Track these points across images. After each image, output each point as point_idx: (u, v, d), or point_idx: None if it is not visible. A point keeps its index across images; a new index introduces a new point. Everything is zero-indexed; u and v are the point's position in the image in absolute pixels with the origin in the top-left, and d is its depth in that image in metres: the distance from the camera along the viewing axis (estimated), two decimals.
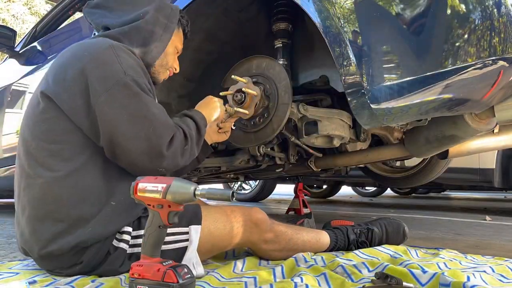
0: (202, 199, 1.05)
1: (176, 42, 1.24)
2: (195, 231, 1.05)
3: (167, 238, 1.01)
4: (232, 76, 1.33)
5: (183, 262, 1.01)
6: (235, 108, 1.30)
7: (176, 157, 1.01)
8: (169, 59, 1.23)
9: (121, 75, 0.96)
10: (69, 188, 0.97)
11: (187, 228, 1.04)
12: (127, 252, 1.01)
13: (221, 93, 1.35)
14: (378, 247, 1.34)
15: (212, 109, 1.22)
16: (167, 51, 1.20)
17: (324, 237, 1.32)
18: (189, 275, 0.82)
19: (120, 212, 1.00)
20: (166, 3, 1.21)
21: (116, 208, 0.99)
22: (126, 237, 1.01)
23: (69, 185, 0.97)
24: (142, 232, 1.01)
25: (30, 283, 0.96)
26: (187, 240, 1.04)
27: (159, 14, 1.15)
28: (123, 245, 1.01)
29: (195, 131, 1.09)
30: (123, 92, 0.95)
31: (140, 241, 1.01)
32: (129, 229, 1.02)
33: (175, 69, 1.28)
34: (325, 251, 1.32)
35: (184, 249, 1.03)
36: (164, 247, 1.00)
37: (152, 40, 1.14)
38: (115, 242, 1.01)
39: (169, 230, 1.02)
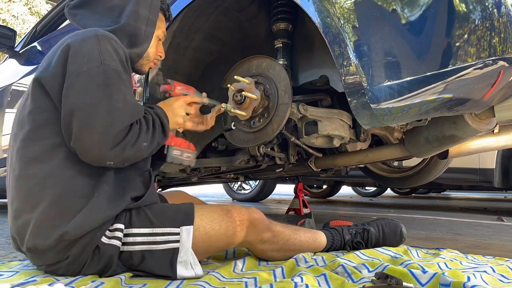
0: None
1: (158, 31, 1.24)
2: (186, 232, 1.03)
3: (157, 238, 1.01)
4: (235, 77, 1.33)
5: (177, 264, 1.01)
6: (233, 110, 1.31)
7: (125, 150, 0.99)
8: (151, 51, 1.23)
9: (96, 62, 0.97)
10: (50, 187, 0.98)
11: (179, 229, 1.03)
12: (120, 249, 1.01)
13: (228, 85, 1.35)
14: (379, 249, 1.33)
15: (175, 106, 1.19)
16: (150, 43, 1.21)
17: (321, 237, 1.32)
18: None
19: (105, 203, 0.99)
20: None
21: (100, 199, 0.99)
22: (118, 234, 1.01)
23: (50, 185, 0.98)
24: (133, 230, 1.02)
25: (30, 282, 0.96)
26: (177, 241, 1.03)
27: (139, 8, 1.16)
28: (115, 242, 1.00)
29: (152, 124, 1.07)
30: (93, 79, 0.96)
31: (130, 239, 1.01)
32: (121, 226, 1.02)
33: (160, 57, 1.29)
34: (321, 251, 1.32)
35: (175, 250, 1.02)
36: (153, 247, 1.01)
37: (137, 38, 1.16)
38: (105, 239, 1.00)
39: (160, 230, 1.02)
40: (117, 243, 1.00)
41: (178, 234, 1.03)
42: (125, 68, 1.05)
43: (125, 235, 1.02)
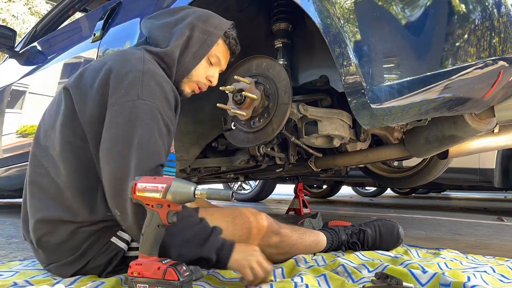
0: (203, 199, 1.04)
1: (211, 54, 1.18)
2: None
3: None
4: (235, 77, 1.33)
5: None
6: (233, 110, 1.31)
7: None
8: (195, 71, 1.17)
9: (132, 97, 0.93)
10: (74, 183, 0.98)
11: None
12: (125, 254, 1.00)
13: (220, 88, 1.34)
14: (379, 251, 1.33)
15: (249, 253, 0.94)
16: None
17: (322, 239, 1.32)
18: (188, 273, 0.83)
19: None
20: (213, 15, 1.19)
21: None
22: (127, 237, 1.01)
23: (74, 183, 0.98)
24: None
25: (30, 282, 0.96)
26: None
27: (197, 29, 1.14)
28: (122, 245, 1.00)
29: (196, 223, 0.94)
30: (125, 113, 0.92)
31: (133, 244, 1.01)
32: None
33: (210, 82, 1.22)
34: (320, 252, 1.32)
35: None
36: None
37: (186, 53, 1.12)
38: (114, 239, 1.00)
39: None
40: (123, 246, 1.00)
41: None
42: (169, 105, 1.00)
43: (132, 240, 1.02)
